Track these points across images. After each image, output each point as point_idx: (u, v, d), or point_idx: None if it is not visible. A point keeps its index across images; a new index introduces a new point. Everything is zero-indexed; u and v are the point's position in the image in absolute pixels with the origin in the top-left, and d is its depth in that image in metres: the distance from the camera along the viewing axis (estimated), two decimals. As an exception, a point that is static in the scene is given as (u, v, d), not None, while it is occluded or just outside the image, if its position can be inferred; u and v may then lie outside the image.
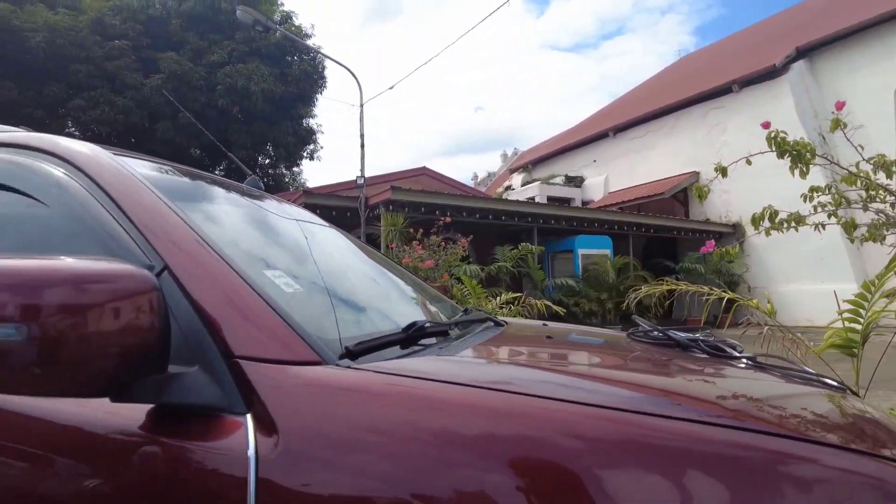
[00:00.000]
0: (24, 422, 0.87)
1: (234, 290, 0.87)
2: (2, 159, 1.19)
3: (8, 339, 0.67)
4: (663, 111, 17.33)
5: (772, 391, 1.03)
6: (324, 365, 0.81)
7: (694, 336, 1.37)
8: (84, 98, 16.07)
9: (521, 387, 0.79)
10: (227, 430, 0.74)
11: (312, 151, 22.10)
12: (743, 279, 14.54)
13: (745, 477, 0.63)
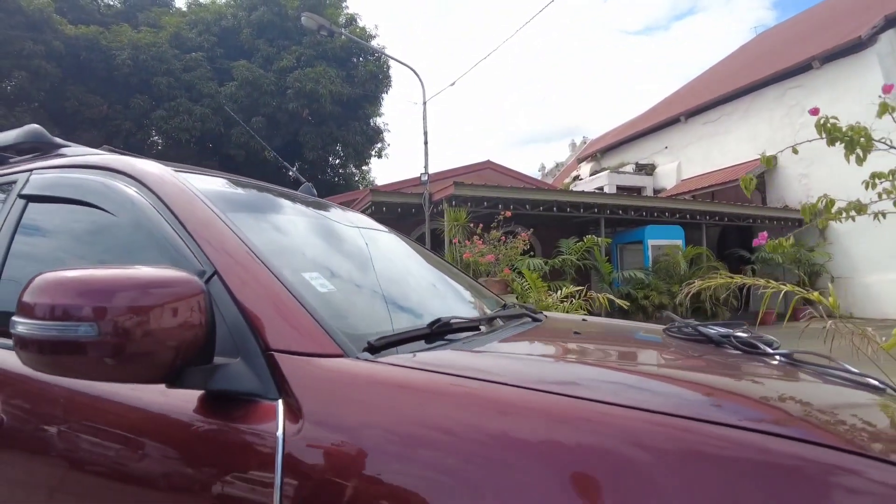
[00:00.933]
0: (99, 404, 1.04)
1: (272, 292, 0.99)
2: (86, 179, 1.38)
3: (87, 336, 0.82)
4: (737, 93, 16.43)
5: (802, 391, 1.01)
6: (345, 357, 0.91)
7: (727, 332, 1.36)
8: (165, 108, 17.21)
9: (527, 381, 0.84)
10: (261, 413, 0.86)
11: (380, 150, 22.61)
12: (825, 269, 13.64)
13: (761, 479, 0.63)
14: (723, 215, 13.86)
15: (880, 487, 0.63)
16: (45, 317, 0.84)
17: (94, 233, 1.34)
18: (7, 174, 1.68)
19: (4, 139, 1.94)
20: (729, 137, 16.66)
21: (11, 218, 1.51)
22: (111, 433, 1.02)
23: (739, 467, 0.64)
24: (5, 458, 1.16)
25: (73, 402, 1.08)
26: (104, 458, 1.01)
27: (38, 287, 0.86)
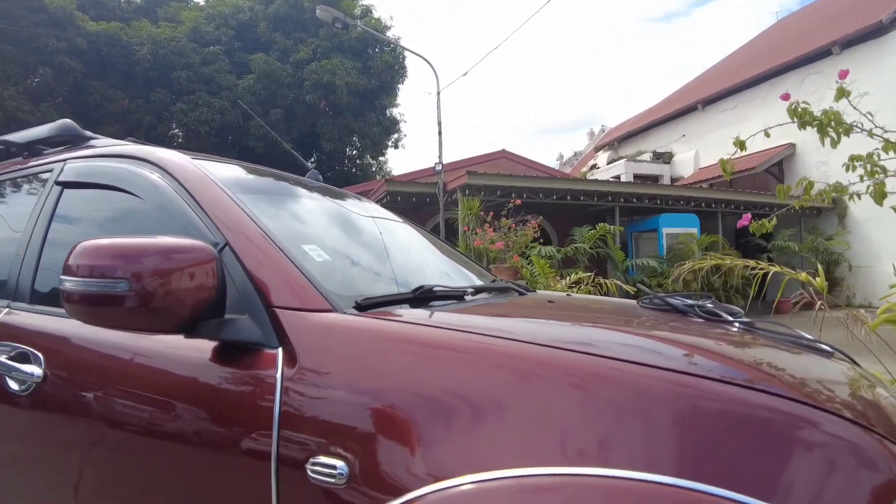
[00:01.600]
0: (127, 353, 1.24)
1: (273, 259, 1.16)
2: (115, 167, 1.57)
3: (119, 291, 1.00)
4: (756, 80, 16.26)
5: (750, 350, 1.13)
6: (335, 312, 1.08)
7: (692, 302, 1.49)
8: (185, 101, 17.52)
9: (484, 329, 1.01)
10: (264, 359, 1.04)
11: (396, 140, 22.76)
12: (844, 258, 13.51)
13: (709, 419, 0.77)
14: (739, 203, 13.78)
15: (817, 432, 0.77)
16: (85, 275, 1.01)
17: (123, 213, 1.53)
18: (44, 164, 1.88)
19: (39, 133, 2.13)
20: (747, 125, 16.40)
21: (50, 202, 1.71)
22: (138, 378, 1.21)
23: (686, 403, 0.80)
24: (50, 407, 1.36)
25: (107, 355, 1.28)
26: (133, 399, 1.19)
27: (79, 252, 1.04)
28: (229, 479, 1.02)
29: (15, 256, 1.69)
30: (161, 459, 1.14)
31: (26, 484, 1.47)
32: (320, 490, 0.90)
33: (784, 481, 0.72)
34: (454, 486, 0.80)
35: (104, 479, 1.27)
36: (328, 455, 0.90)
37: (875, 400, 0.97)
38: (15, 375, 1.42)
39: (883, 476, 0.76)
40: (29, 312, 1.55)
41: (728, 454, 0.75)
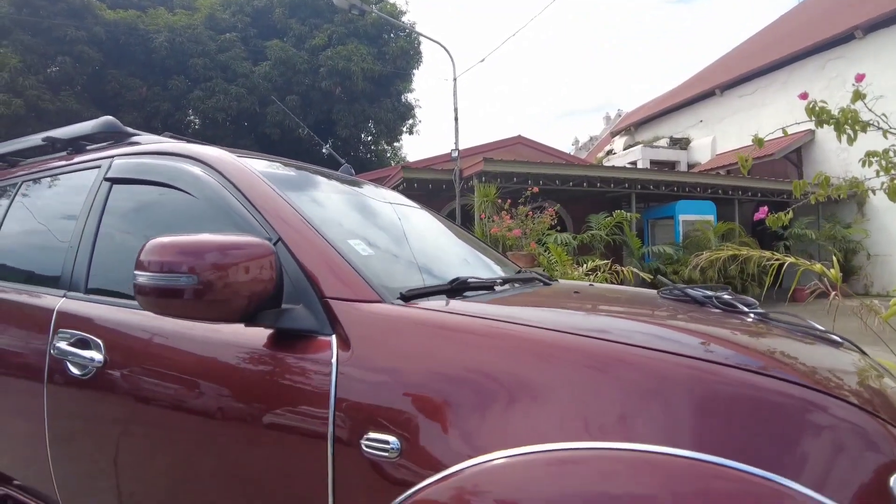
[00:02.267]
0: (189, 341, 1.35)
1: (325, 254, 1.26)
2: (163, 165, 1.67)
3: (189, 284, 1.09)
4: (776, 64, 16.00)
5: (764, 339, 1.20)
6: (383, 303, 1.18)
7: (710, 293, 1.56)
8: (202, 89, 17.64)
9: (519, 319, 1.11)
10: (319, 345, 1.14)
11: (412, 126, 22.75)
12: (862, 246, 13.37)
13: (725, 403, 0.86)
14: (756, 190, 13.65)
15: (824, 415, 0.86)
16: (155, 270, 1.11)
17: (173, 209, 1.62)
18: (91, 160, 1.97)
19: (82, 129, 2.21)
20: (766, 111, 16.25)
21: (100, 197, 1.81)
22: (200, 363, 1.31)
23: (706, 390, 0.88)
24: (112, 390, 1.47)
25: (169, 342, 1.39)
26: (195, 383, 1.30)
27: (149, 248, 1.14)
28: (288, 454, 1.13)
29: (69, 249, 1.79)
30: (220, 439, 1.25)
31: (89, 462, 1.58)
32: (374, 463, 1.01)
33: (794, 458, 0.81)
34: (490, 461, 0.90)
35: (165, 457, 1.38)
36: (381, 431, 1.01)
37: (881, 388, 1.05)
38: (76, 360, 1.53)
39: (884, 457, 0.84)
40: (86, 302, 1.65)
41: (741, 432, 0.84)
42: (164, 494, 1.41)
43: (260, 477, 1.18)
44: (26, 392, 1.73)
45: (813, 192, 2.35)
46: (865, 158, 2.14)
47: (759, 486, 0.78)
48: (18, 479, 1.87)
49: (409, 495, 0.96)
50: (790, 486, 0.77)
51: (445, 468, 0.94)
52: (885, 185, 2.05)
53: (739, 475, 0.79)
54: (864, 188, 2.24)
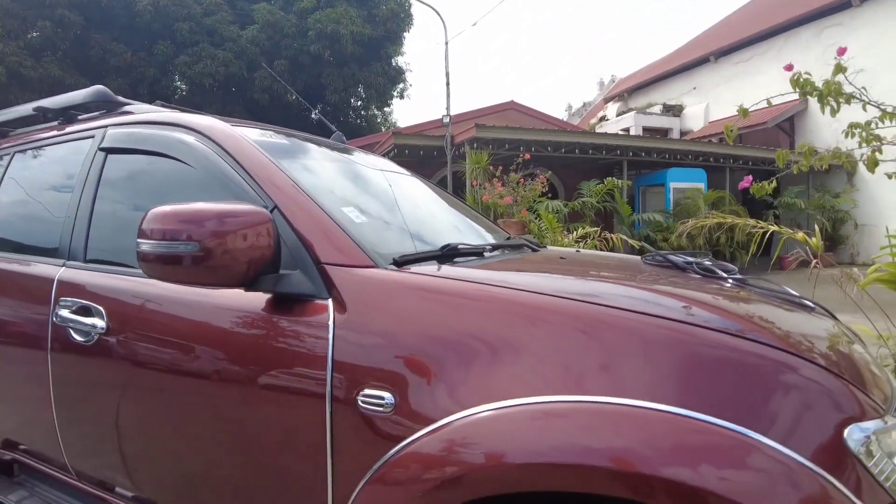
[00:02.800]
0: (191, 306, 1.39)
1: (320, 221, 1.31)
2: (159, 134, 1.68)
3: (191, 251, 1.14)
4: (771, 32, 15.80)
5: (738, 303, 1.26)
6: (377, 268, 1.23)
7: (690, 260, 1.62)
8: (188, 54, 17.24)
9: (505, 283, 1.17)
10: (316, 308, 1.20)
11: (402, 90, 22.45)
12: (850, 216, 13.51)
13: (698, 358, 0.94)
14: (747, 159, 13.69)
15: (792, 375, 0.93)
16: (158, 238, 1.15)
17: (169, 178, 1.65)
18: (84, 130, 1.97)
19: (74, 99, 2.19)
20: (760, 78, 16.13)
21: (95, 167, 1.82)
22: (201, 327, 1.36)
23: (685, 349, 0.95)
24: (114, 355, 1.53)
25: (170, 308, 1.45)
26: (197, 346, 1.36)
27: (151, 217, 1.18)
28: (288, 411, 1.19)
29: (66, 219, 1.81)
30: (222, 399, 1.31)
31: (94, 424, 1.64)
32: (369, 417, 1.08)
33: (762, 413, 0.88)
34: (476, 414, 0.97)
35: (169, 417, 1.44)
36: (376, 388, 1.07)
37: (848, 351, 1.12)
38: (79, 327, 1.58)
39: (843, 413, 0.92)
40: (86, 270, 1.69)
41: (715, 389, 0.91)
42: (169, 453, 1.48)
43: (262, 434, 1.25)
44: (30, 359, 1.78)
45: (797, 161, 2.40)
46: (848, 130, 2.19)
47: (729, 438, 0.85)
48: (26, 444, 1.93)
49: (402, 447, 1.03)
50: (758, 438, 0.85)
51: (436, 421, 1.01)
52: (864, 157, 2.11)
53: (712, 428, 0.86)
54: (844, 159, 2.29)
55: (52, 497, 1.83)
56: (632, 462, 0.86)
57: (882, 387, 1.04)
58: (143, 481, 1.59)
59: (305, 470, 1.19)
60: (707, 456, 0.85)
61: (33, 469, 1.91)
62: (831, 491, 0.83)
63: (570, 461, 0.90)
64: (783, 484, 0.83)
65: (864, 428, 0.90)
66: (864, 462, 0.87)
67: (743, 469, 0.84)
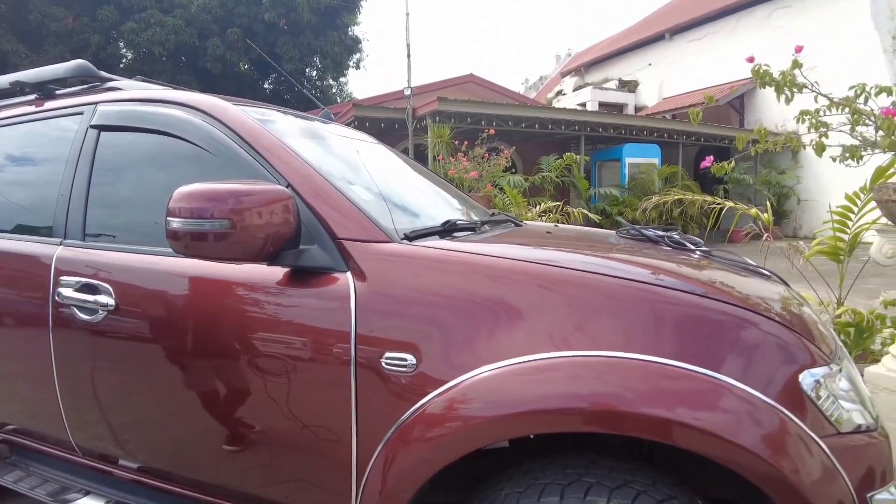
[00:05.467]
0: (216, 278, 1.45)
1: (335, 200, 1.39)
2: (161, 112, 1.68)
3: (219, 228, 1.21)
4: (724, 11, 16.28)
5: (709, 271, 1.43)
6: (392, 243, 1.33)
7: (662, 233, 1.79)
8: (136, 20, 16.41)
9: (513, 256, 1.30)
10: (336, 280, 1.29)
11: (358, 60, 22.03)
12: (794, 191, 14.26)
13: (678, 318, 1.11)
14: (700, 135, 14.18)
15: (753, 328, 1.10)
16: (186, 216, 1.21)
17: (171, 156, 1.66)
18: (70, 106, 1.92)
19: (53, 72, 2.10)
20: (713, 56, 16.63)
21: (87, 146, 1.79)
22: (220, 300, 1.43)
23: (664, 309, 1.12)
24: (125, 329, 1.56)
25: (185, 283, 1.50)
26: (216, 318, 1.42)
27: (178, 196, 1.23)
28: (313, 376, 1.29)
29: (60, 198, 1.79)
30: (244, 370, 1.38)
31: (106, 404, 1.67)
32: (392, 378, 1.20)
33: (732, 361, 1.06)
34: (478, 375, 1.12)
35: (190, 387, 1.49)
36: (399, 350, 1.19)
37: (798, 312, 1.30)
38: (83, 305, 1.60)
39: (797, 359, 1.10)
40: (87, 248, 1.69)
41: (687, 340, 1.08)
42: (188, 420, 1.53)
43: (289, 400, 1.33)
44: (28, 339, 1.77)
45: (755, 143, 2.61)
46: (799, 116, 2.40)
47: (699, 380, 1.03)
48: (19, 423, 1.92)
49: (423, 404, 1.16)
50: (729, 381, 1.03)
51: (452, 379, 1.14)
52: (813, 142, 2.32)
53: (684, 372, 1.04)
54: (795, 143, 2.51)
55: (52, 475, 1.83)
56: (633, 402, 1.04)
57: (827, 342, 1.23)
58: (159, 451, 1.64)
59: (331, 432, 1.29)
60: (690, 396, 1.03)
61: (27, 448, 1.90)
62: (789, 424, 1.02)
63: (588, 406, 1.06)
64: (750, 417, 1.01)
65: (814, 373, 1.09)
66: (815, 401, 1.06)
67: (717, 406, 1.02)
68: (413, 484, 1.18)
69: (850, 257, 3.14)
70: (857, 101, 2.28)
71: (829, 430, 1.07)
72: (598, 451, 1.21)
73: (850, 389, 1.16)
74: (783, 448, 1.01)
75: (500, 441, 1.16)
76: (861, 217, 2.87)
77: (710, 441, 1.00)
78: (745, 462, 1.00)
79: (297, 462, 1.37)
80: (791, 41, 14.00)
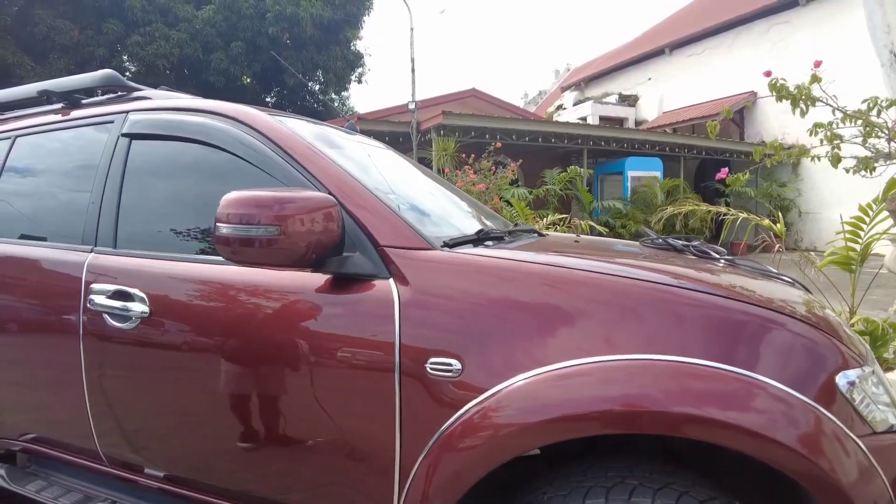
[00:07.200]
0: (266, 282, 1.46)
1: (376, 208, 1.42)
2: (195, 121, 1.70)
3: (269, 234, 1.23)
4: (723, 26, 16.45)
5: (737, 278, 1.46)
6: (433, 250, 1.36)
7: (686, 243, 1.82)
8: (140, 34, 16.54)
9: (553, 263, 1.33)
10: (379, 287, 1.32)
11: (361, 75, 22.21)
12: (795, 204, 14.34)
13: (714, 323, 1.14)
14: (701, 149, 14.28)
15: (785, 331, 1.14)
16: (234, 222, 1.24)
17: (206, 165, 1.69)
18: (100, 115, 1.94)
19: (81, 82, 2.15)
20: (712, 71, 16.78)
21: (119, 154, 1.81)
22: (259, 308, 1.45)
23: (710, 314, 1.15)
24: (161, 337, 1.57)
25: (225, 290, 1.51)
26: (257, 326, 1.43)
27: (226, 202, 1.26)
28: (358, 381, 1.30)
29: (91, 205, 1.80)
30: (288, 374, 1.39)
31: (137, 410, 1.67)
32: (438, 382, 1.21)
33: (769, 362, 1.09)
34: (524, 379, 1.14)
35: (229, 394, 1.50)
36: (444, 356, 1.21)
37: (824, 315, 1.34)
38: (116, 312, 1.60)
39: (834, 362, 1.14)
40: (119, 256, 1.70)
41: (729, 343, 1.11)
42: (227, 426, 1.51)
43: (334, 405, 1.35)
44: (56, 346, 1.77)
45: (770, 155, 2.65)
46: (813, 129, 2.45)
47: (744, 382, 1.07)
48: (41, 432, 1.91)
49: (468, 409, 1.18)
50: (768, 381, 1.06)
51: (496, 385, 1.16)
52: (828, 154, 2.37)
53: (730, 374, 1.07)
54: (809, 154, 2.55)
55: (74, 484, 1.82)
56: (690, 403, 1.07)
57: (857, 344, 1.27)
58: (190, 459, 1.64)
59: (375, 439, 1.30)
60: (735, 397, 1.06)
61: (46, 457, 1.89)
62: (828, 422, 1.06)
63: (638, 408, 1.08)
64: (791, 416, 1.05)
65: (849, 374, 1.13)
66: (851, 401, 1.10)
67: (761, 405, 1.05)
68: (457, 491, 1.19)
69: (861, 267, 3.18)
70: (870, 113, 2.33)
71: (866, 430, 1.10)
72: (627, 454, 1.23)
73: (882, 392, 1.19)
74: (824, 446, 1.05)
75: (543, 445, 1.17)
76: (872, 227, 2.91)
77: (754, 440, 1.03)
78: (789, 461, 1.03)
79: (338, 470, 1.38)
80: (789, 56, 14.33)
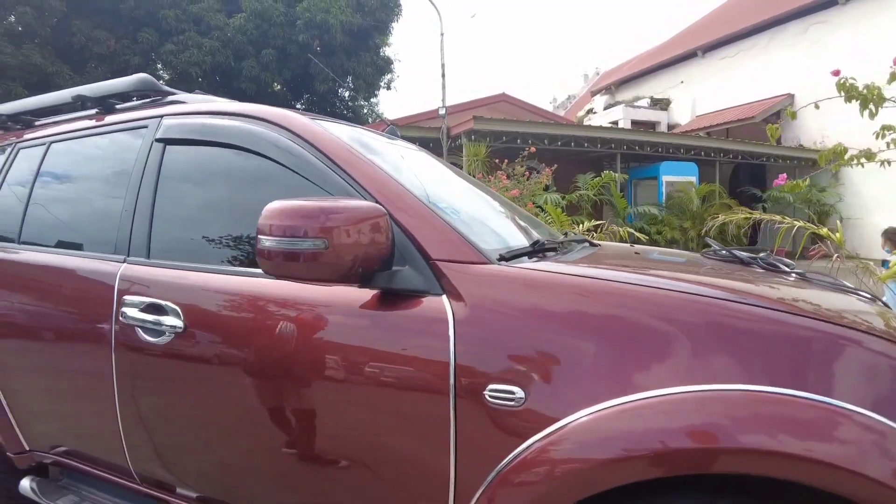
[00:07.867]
0: (310, 297, 1.35)
1: (427, 219, 1.30)
2: (232, 126, 1.61)
3: (315, 247, 1.12)
4: (757, 28, 15.98)
5: (813, 294, 1.34)
6: (489, 264, 1.24)
7: (753, 255, 1.67)
8: (174, 42, 16.87)
9: (615, 278, 1.20)
10: (432, 304, 1.20)
11: (390, 81, 22.28)
12: (835, 209, 13.83)
13: (785, 346, 1.00)
14: (737, 153, 13.90)
15: (861, 350, 1.00)
16: (278, 234, 1.13)
17: (246, 172, 1.60)
18: (134, 120, 1.88)
19: (115, 87, 2.09)
20: (746, 74, 16.33)
21: (153, 160, 1.73)
22: (304, 325, 1.34)
23: (766, 330, 1.02)
24: (195, 352, 1.49)
25: (266, 305, 1.41)
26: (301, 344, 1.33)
27: (269, 213, 1.15)
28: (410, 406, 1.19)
29: (123, 214, 1.72)
30: (331, 395, 1.29)
31: (171, 426, 1.59)
32: (498, 412, 1.08)
33: (838, 383, 0.96)
34: (603, 409, 1.01)
35: (266, 415, 1.40)
36: (504, 382, 1.08)
37: None
38: (149, 326, 1.51)
39: None
40: (152, 267, 1.61)
41: (792, 365, 0.98)
42: (265, 448, 1.42)
43: (383, 431, 1.23)
44: (87, 359, 1.70)
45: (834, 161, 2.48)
46: (881, 132, 2.28)
47: (813, 407, 0.93)
48: (73, 445, 1.86)
49: (533, 443, 1.05)
50: (841, 405, 0.92)
51: (566, 416, 1.03)
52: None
53: (809, 403, 0.93)
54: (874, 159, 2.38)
55: (105, 500, 1.77)
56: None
57: None
58: (224, 480, 1.56)
59: (427, 469, 1.18)
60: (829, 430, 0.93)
61: (77, 471, 1.84)
62: None
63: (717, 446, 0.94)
64: (881, 447, 0.91)
65: None
66: None
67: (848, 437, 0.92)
68: None
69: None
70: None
71: None
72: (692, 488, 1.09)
73: None
74: None
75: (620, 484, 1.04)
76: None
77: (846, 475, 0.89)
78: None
79: (384, 498, 1.27)
80: (827, 55, 13.83)
